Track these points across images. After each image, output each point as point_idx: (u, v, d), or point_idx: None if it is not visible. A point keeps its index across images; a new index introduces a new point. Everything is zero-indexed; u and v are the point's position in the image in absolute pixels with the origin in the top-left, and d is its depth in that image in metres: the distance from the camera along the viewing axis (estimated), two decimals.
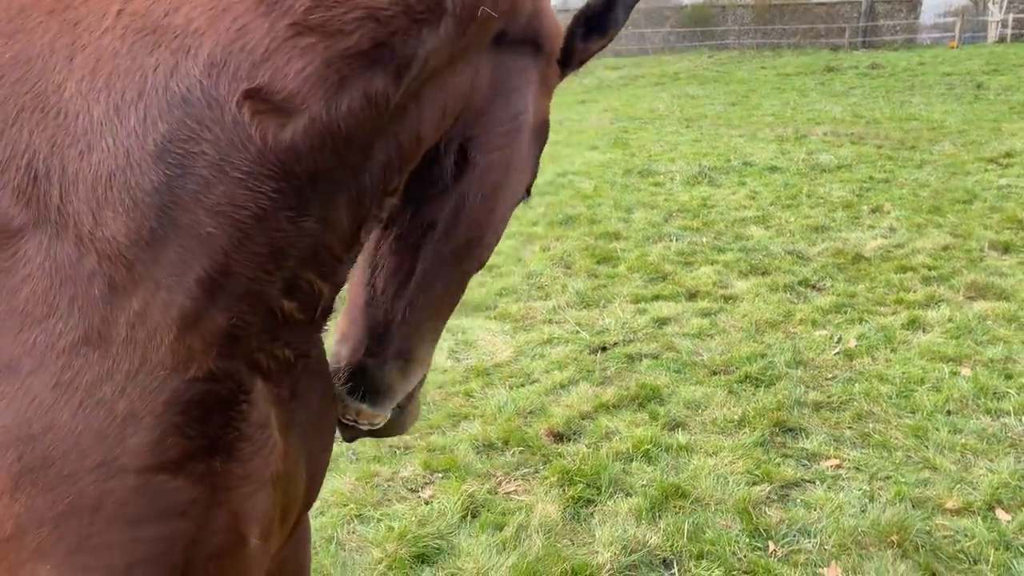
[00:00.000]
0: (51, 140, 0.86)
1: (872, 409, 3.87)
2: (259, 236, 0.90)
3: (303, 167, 0.91)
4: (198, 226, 0.87)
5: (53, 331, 0.84)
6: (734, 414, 3.85)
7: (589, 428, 3.79)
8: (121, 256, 0.85)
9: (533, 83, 1.28)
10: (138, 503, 0.85)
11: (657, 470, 3.40)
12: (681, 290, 5.62)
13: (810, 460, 3.50)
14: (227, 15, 0.87)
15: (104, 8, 0.88)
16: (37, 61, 0.88)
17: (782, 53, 31.49)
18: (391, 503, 3.24)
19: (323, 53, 0.89)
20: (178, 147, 0.86)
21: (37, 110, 0.86)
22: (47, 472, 0.82)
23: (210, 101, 0.86)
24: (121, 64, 0.87)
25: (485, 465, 3.49)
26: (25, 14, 0.89)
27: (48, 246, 0.85)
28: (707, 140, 12.35)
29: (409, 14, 0.94)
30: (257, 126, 0.87)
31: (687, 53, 34.26)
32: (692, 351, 4.62)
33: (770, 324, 4.97)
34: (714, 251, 6.52)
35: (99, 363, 0.85)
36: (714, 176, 9.39)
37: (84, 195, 0.85)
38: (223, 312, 0.90)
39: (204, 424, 0.90)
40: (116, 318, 0.85)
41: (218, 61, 0.87)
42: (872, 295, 5.39)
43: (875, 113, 14.53)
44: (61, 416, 0.83)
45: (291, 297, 0.98)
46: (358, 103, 0.93)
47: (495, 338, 4.92)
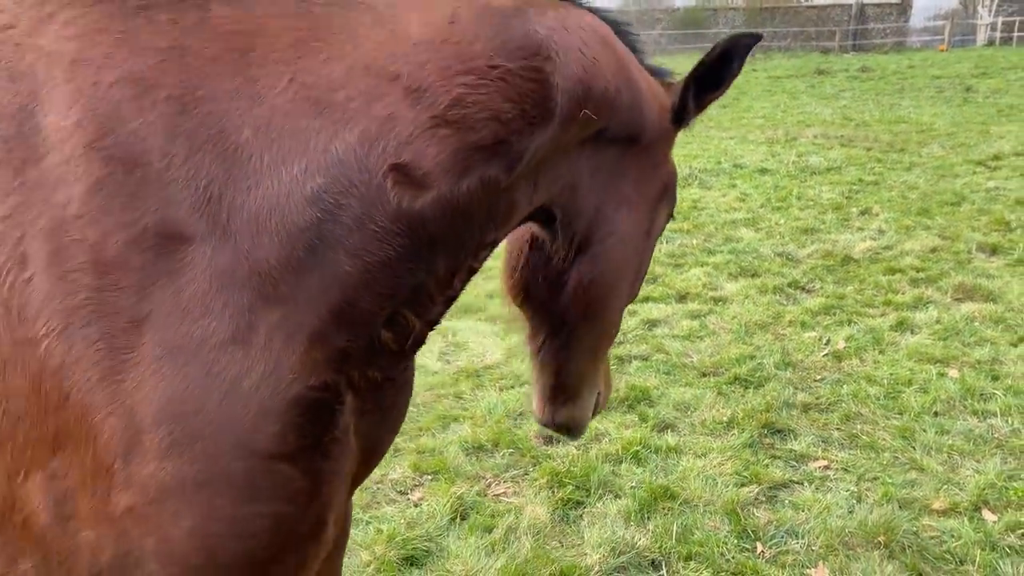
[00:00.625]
0: (227, 171, 1.03)
1: (860, 410, 3.89)
2: (382, 279, 1.11)
3: (425, 230, 1.13)
4: (337, 264, 1.07)
5: (208, 328, 0.99)
6: (723, 415, 3.86)
7: None
8: (270, 275, 1.03)
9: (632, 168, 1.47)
10: (261, 484, 1.01)
11: (646, 471, 3.40)
12: (671, 292, 5.64)
13: (798, 461, 3.51)
14: (381, 101, 1.09)
15: (279, 73, 1.08)
16: (223, 103, 1.05)
17: (773, 56, 31.63)
18: (380, 505, 3.24)
19: (454, 144, 1.12)
20: (330, 197, 1.05)
21: (219, 144, 1.04)
22: (192, 447, 0.97)
23: (361, 166, 1.07)
24: (290, 122, 1.06)
25: (475, 467, 3.49)
26: (215, 64, 1.07)
27: (211, 256, 1.01)
28: (698, 142, 12.38)
29: (525, 117, 1.17)
30: (396, 194, 1.09)
31: (678, 55, 34.34)
32: (682, 353, 4.64)
33: (759, 326, 4.99)
34: (704, 253, 6.55)
35: (242, 361, 1.00)
36: (704, 178, 9.42)
37: (247, 220, 1.03)
38: (342, 336, 1.10)
39: (314, 425, 1.07)
40: (258, 326, 1.02)
41: (371, 136, 1.08)
42: (861, 297, 5.42)
43: (865, 116, 14.61)
44: (209, 401, 0.98)
45: (390, 329, 1.18)
46: (475, 186, 1.15)
47: (485, 340, 4.92)
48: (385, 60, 1.11)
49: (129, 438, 0.96)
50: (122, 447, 0.96)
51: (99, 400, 0.95)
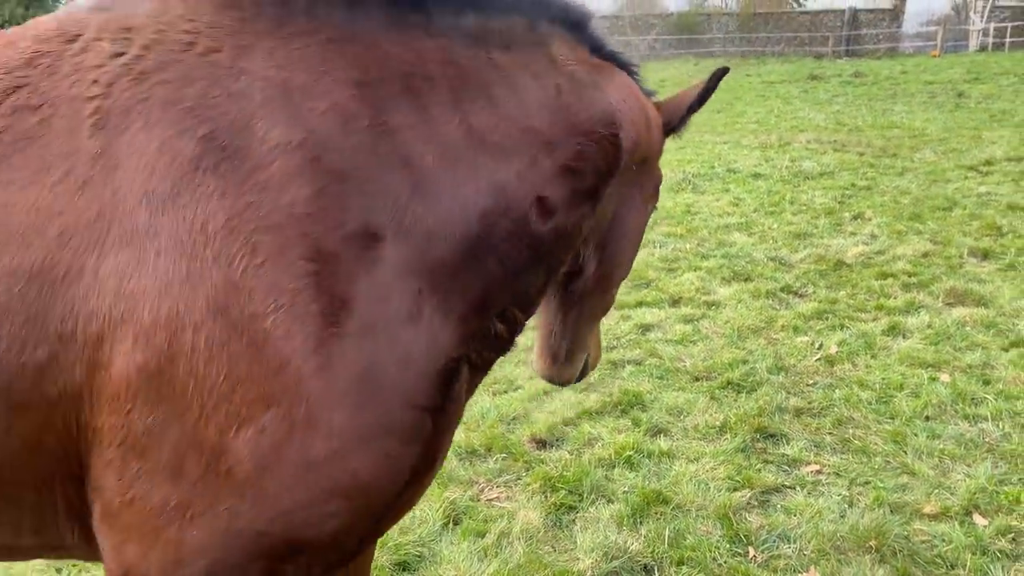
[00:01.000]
0: (412, 187, 1.33)
1: (852, 415, 3.90)
2: (511, 282, 1.49)
3: (543, 248, 1.53)
4: (487, 266, 1.43)
5: (392, 309, 1.27)
6: (716, 420, 3.87)
7: (572, 434, 3.80)
8: (439, 270, 1.35)
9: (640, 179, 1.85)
10: (415, 430, 1.31)
11: (639, 476, 3.41)
12: (664, 296, 5.65)
13: (791, 466, 3.52)
14: (526, 150, 1.48)
15: (449, 112, 1.40)
16: (408, 133, 1.35)
17: (766, 61, 31.75)
18: None
19: (572, 186, 1.55)
20: (491, 216, 1.42)
21: (408, 166, 1.33)
22: (377, 402, 1.26)
23: (514, 195, 1.45)
24: (462, 154, 1.39)
25: (468, 472, 3.49)
26: (396, 100, 1.36)
27: (397, 253, 1.29)
28: (691, 147, 12.41)
29: (609, 170, 1.64)
30: (535, 219, 1.49)
31: (673, 60, 34.45)
32: (675, 357, 4.65)
33: (752, 330, 5.00)
34: (697, 257, 6.56)
35: (413, 335, 1.30)
36: (698, 183, 9.45)
37: (425, 227, 1.33)
38: (477, 321, 1.44)
39: (448, 388, 1.38)
40: (424, 308, 1.32)
41: (523, 173, 1.47)
42: (853, 301, 5.44)
43: (857, 121, 14.67)
44: (391, 367, 1.27)
45: (503, 322, 1.54)
46: (576, 219, 1.59)
47: None
48: (522, 114, 1.49)
49: (334, 396, 1.21)
50: (328, 403, 1.20)
51: (313, 365, 1.19)
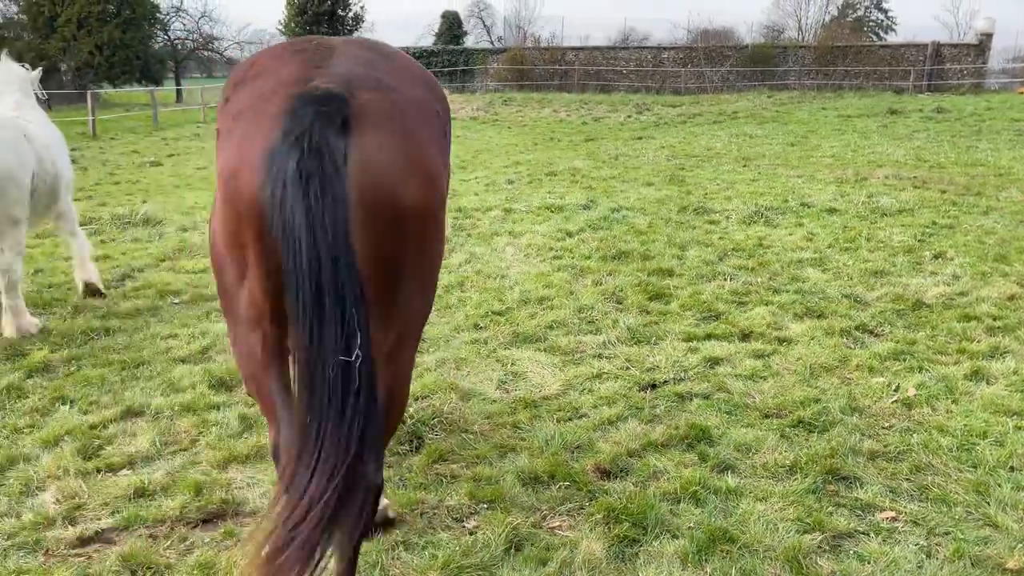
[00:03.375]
0: None
1: (931, 461, 3.75)
2: None
3: None
4: None
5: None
6: (786, 459, 3.77)
7: (637, 466, 3.75)
8: None
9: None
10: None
11: (705, 513, 3.34)
12: (734, 330, 5.55)
13: (864, 511, 3.39)
14: None
15: None
16: None
17: (843, 95, 31.12)
18: (436, 531, 3.25)
19: None
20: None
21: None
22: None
23: None
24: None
25: (530, 498, 3.48)
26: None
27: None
28: (764, 180, 12.24)
29: None
30: None
31: (746, 92, 34.08)
32: (744, 393, 4.55)
33: (825, 369, 4.87)
34: (769, 292, 6.44)
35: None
36: (771, 216, 9.29)
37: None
38: None
39: None
40: None
41: None
42: (933, 343, 5.25)
43: (939, 157, 14.23)
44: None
45: None
46: None
47: (544, 371, 4.92)
48: None
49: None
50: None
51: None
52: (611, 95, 34.28)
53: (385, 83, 2.28)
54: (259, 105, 2.20)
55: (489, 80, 40.77)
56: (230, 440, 4.02)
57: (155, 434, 4.05)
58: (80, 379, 4.76)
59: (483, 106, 30.11)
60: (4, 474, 3.69)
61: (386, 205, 2.10)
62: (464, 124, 25.29)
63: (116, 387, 4.67)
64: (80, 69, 38.90)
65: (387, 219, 2.11)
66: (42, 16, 38.20)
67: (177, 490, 3.52)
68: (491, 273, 7.16)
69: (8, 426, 4.16)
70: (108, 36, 38.56)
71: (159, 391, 4.61)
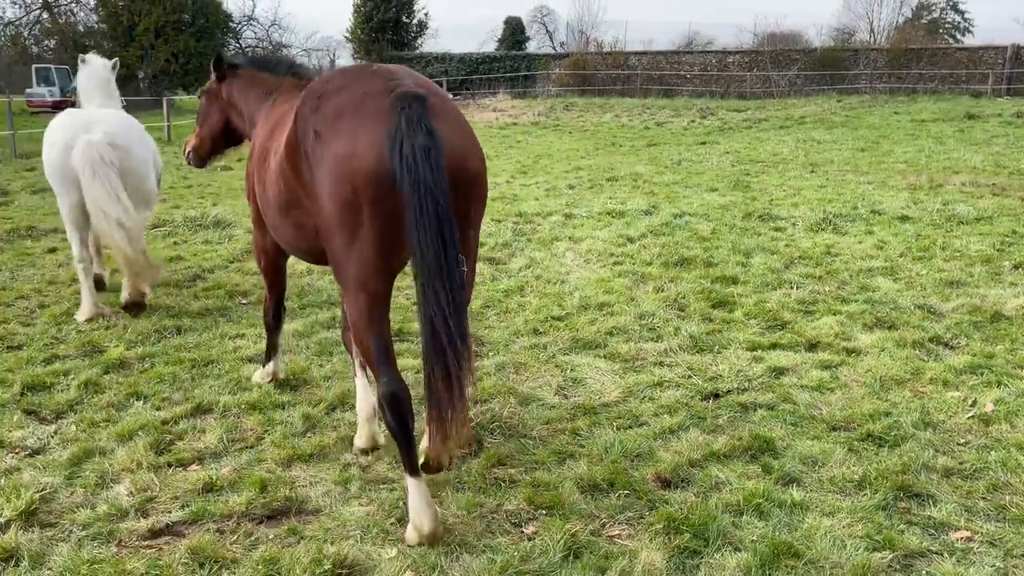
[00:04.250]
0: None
1: (1010, 480, 3.59)
2: None
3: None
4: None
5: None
6: (854, 474, 3.65)
7: (698, 476, 3.69)
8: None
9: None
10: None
11: (769, 526, 3.26)
12: (801, 340, 5.42)
13: (937, 530, 3.27)
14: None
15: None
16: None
17: (918, 99, 30.11)
18: (494, 535, 3.25)
19: None
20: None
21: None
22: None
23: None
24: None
25: (589, 506, 3.45)
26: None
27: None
28: (833, 186, 11.93)
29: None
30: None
31: (814, 96, 33.30)
32: (810, 404, 4.44)
33: (896, 381, 4.71)
34: (837, 301, 6.27)
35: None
36: (839, 223, 9.05)
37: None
38: None
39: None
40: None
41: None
42: (1013, 357, 5.02)
43: (1020, 164, 13.65)
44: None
45: None
46: None
47: (603, 377, 4.88)
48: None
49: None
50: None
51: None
52: (674, 100, 33.92)
53: (438, 92, 3.17)
54: (359, 108, 3.00)
55: (551, 85, 40.79)
56: (294, 439, 4.10)
57: (223, 431, 4.16)
58: (153, 376, 4.93)
59: (544, 111, 30.13)
60: (81, 466, 3.83)
61: (463, 171, 3.04)
62: (525, 129, 25.36)
63: (187, 384, 4.82)
64: (156, 76, 40.39)
65: (464, 180, 3.05)
66: (121, 25, 39.78)
67: (243, 486, 3.61)
68: (551, 278, 7.15)
69: (86, 420, 4.33)
70: (183, 44, 39.93)
71: (227, 389, 4.74)
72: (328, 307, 6.35)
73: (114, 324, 5.93)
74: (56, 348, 5.45)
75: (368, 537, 3.24)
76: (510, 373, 4.97)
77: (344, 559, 3.04)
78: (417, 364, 5.10)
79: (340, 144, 2.96)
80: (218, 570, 3.03)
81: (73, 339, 5.61)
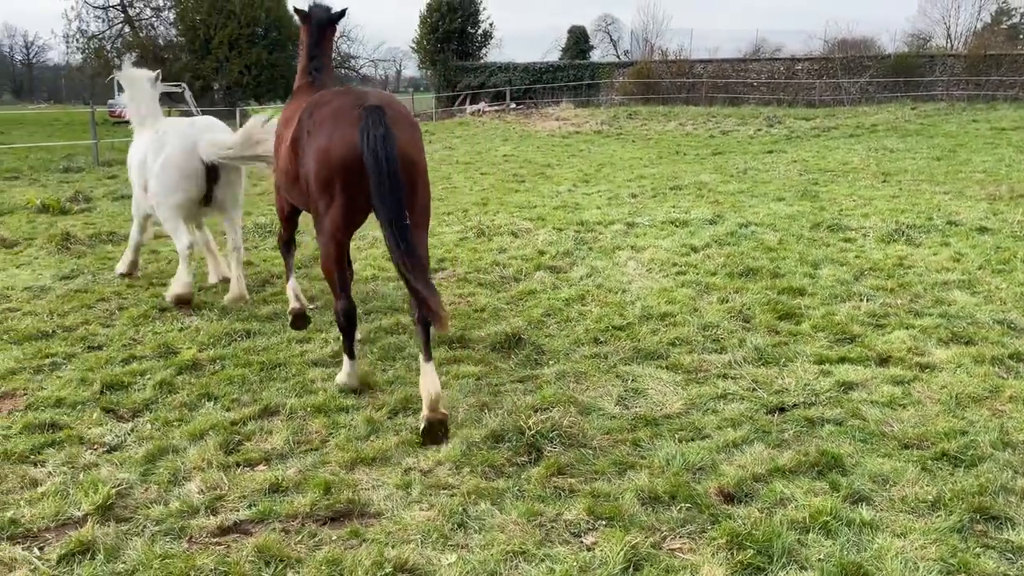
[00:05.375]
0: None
1: None
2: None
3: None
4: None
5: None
6: (928, 494, 3.52)
7: (762, 492, 3.61)
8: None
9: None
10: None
11: (836, 545, 3.17)
12: (871, 354, 5.26)
13: (1016, 554, 3.12)
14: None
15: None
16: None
17: (997, 106, 28.96)
18: (553, 544, 3.24)
19: None
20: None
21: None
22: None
23: None
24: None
25: (650, 518, 3.41)
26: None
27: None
28: (906, 196, 11.57)
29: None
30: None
31: (887, 104, 32.35)
32: (881, 420, 4.30)
33: (973, 399, 4.53)
34: (910, 315, 6.07)
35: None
36: (913, 235, 8.77)
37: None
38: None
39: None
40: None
41: None
42: None
43: None
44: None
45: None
46: None
47: (665, 388, 4.82)
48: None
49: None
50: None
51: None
52: (740, 108, 33.39)
53: (392, 104, 4.50)
54: (336, 116, 4.36)
55: (614, 94, 40.63)
56: (357, 442, 4.17)
57: (289, 433, 4.26)
58: (224, 378, 5.08)
59: (607, 120, 30.03)
60: (155, 463, 3.98)
61: (410, 162, 4.29)
62: (587, 138, 25.31)
63: (255, 386, 4.95)
64: (231, 87, 41.74)
65: (409, 168, 4.26)
66: (198, 39, 41.27)
67: (308, 487, 3.69)
68: (612, 287, 7.11)
69: (160, 419, 4.49)
70: (256, 57, 41.19)
71: (293, 392, 4.85)
72: (391, 313, 6.45)
73: (188, 327, 6.14)
74: (134, 349, 5.67)
75: (428, 542, 3.27)
76: (570, 382, 4.96)
77: (405, 563, 3.08)
78: (477, 371, 5.14)
79: (320, 141, 4.36)
80: (283, 569, 3.10)
81: (150, 340, 5.83)
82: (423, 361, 4.27)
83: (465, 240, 9.41)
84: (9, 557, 3.16)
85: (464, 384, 4.92)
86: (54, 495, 3.63)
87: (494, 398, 4.69)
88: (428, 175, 4.56)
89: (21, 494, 3.68)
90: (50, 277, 7.78)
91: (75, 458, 4.02)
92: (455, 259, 8.45)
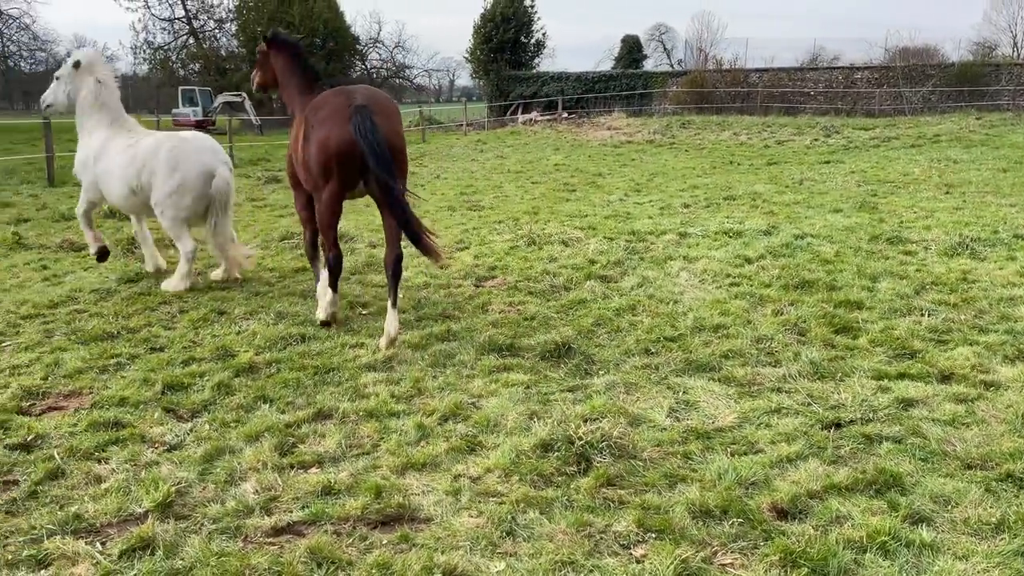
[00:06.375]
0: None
1: None
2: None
3: None
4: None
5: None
6: (991, 516, 3.41)
7: (817, 509, 3.54)
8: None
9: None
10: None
11: (895, 566, 3.08)
12: (932, 371, 5.11)
13: None
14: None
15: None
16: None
17: None
18: (602, 556, 3.22)
19: None
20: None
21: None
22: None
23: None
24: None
25: (701, 532, 3.37)
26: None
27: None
28: (970, 208, 11.23)
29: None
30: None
31: (950, 114, 31.45)
32: (943, 439, 4.17)
33: None
34: (974, 331, 5.88)
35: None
36: (977, 248, 8.50)
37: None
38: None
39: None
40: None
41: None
42: None
43: None
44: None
45: None
46: None
47: (718, 401, 4.76)
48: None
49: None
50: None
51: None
52: (796, 117, 32.85)
53: (379, 101, 5.92)
54: (333, 114, 5.73)
55: (667, 103, 40.37)
56: (408, 447, 4.21)
57: (341, 436, 4.33)
58: (279, 381, 5.18)
59: (660, 129, 29.83)
60: (213, 463, 4.08)
61: (392, 146, 5.67)
62: (639, 147, 25.18)
63: (309, 390, 5.04)
64: None
65: (393, 149, 5.67)
66: None
67: (359, 491, 3.74)
68: (664, 298, 7.05)
69: (218, 420, 4.60)
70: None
71: (346, 396, 4.93)
72: (442, 320, 6.50)
73: (244, 330, 6.29)
74: (193, 351, 5.83)
75: (477, 549, 3.28)
76: (620, 393, 4.93)
77: (454, 569, 3.10)
78: (527, 379, 5.15)
79: (320, 134, 5.76)
80: (335, 571, 3.14)
81: (208, 343, 5.99)
82: (390, 306, 5.82)
83: (516, 249, 9.44)
84: (73, 551, 3.27)
85: (513, 392, 4.93)
86: (116, 492, 3.75)
87: (543, 407, 4.69)
88: (406, 150, 6.05)
89: (85, 490, 3.81)
90: (115, 280, 8.05)
91: (137, 456, 4.15)
92: (506, 267, 8.49)
